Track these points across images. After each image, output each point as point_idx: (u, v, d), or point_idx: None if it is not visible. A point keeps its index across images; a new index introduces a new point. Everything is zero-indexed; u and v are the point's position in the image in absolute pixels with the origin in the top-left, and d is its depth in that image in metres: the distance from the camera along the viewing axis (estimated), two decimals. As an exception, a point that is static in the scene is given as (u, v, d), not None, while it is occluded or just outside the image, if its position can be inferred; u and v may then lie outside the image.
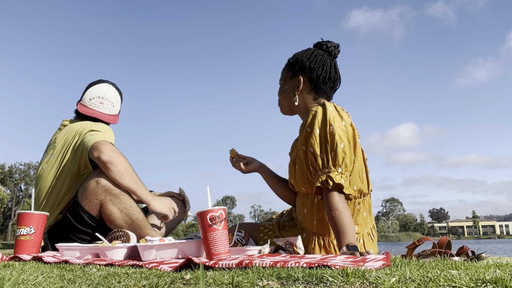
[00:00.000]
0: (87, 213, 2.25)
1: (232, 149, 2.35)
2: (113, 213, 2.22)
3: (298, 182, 2.06)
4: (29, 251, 1.91)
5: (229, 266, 1.30)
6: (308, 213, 2.04)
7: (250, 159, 2.32)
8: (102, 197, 2.21)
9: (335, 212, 1.82)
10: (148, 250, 1.64)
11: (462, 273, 1.07)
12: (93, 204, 2.23)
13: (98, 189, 2.21)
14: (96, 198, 2.22)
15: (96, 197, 2.22)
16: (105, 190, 2.20)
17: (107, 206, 2.21)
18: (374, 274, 1.01)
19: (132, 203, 2.26)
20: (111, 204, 2.21)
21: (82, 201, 2.25)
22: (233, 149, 2.35)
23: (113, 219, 2.22)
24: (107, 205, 2.21)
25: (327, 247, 1.99)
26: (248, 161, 2.31)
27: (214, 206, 1.57)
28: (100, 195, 2.21)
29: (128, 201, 2.24)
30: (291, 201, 2.29)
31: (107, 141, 2.25)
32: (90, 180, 2.23)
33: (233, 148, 2.35)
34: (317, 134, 1.89)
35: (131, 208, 2.23)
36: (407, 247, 1.81)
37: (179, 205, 2.67)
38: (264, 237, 2.22)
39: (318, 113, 1.91)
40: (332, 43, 2.14)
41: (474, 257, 1.66)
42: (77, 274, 1.27)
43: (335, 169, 1.87)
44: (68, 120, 2.62)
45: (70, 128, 2.47)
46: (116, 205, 2.22)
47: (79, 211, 2.25)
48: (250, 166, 2.30)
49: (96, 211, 2.24)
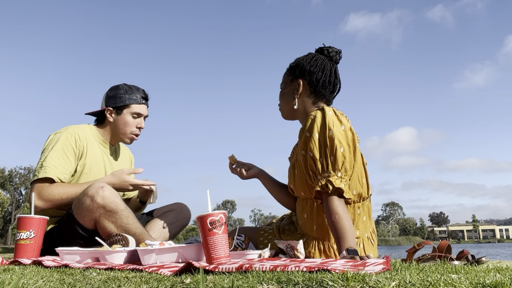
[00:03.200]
0: (81, 227, 2.24)
1: (232, 155, 2.34)
2: (110, 229, 2.19)
3: (298, 186, 2.06)
4: (29, 255, 1.91)
5: (229, 270, 1.30)
6: (308, 218, 2.04)
7: (249, 165, 2.32)
8: (97, 214, 2.17)
9: (335, 216, 1.82)
10: (148, 254, 1.64)
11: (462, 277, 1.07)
12: (88, 219, 2.21)
13: (93, 206, 2.16)
14: (92, 215, 2.19)
15: (92, 214, 2.18)
16: (100, 207, 2.16)
17: (103, 222, 2.18)
18: (374, 278, 1.01)
19: (130, 219, 2.21)
20: (107, 221, 2.18)
21: (77, 215, 2.23)
22: (233, 155, 2.34)
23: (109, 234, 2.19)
24: (103, 222, 2.18)
25: (327, 251, 1.99)
26: (247, 167, 2.31)
27: (214, 210, 1.57)
28: (95, 212, 2.17)
29: (126, 218, 2.19)
30: (291, 207, 2.29)
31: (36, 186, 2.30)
32: (84, 196, 2.19)
33: (233, 155, 2.34)
34: (316, 139, 1.89)
35: (128, 225, 2.19)
36: (407, 251, 1.81)
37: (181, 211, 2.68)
38: (264, 241, 2.21)
39: (317, 117, 1.91)
40: (333, 49, 2.15)
41: (474, 261, 1.66)
42: (77, 278, 1.27)
43: (335, 174, 1.87)
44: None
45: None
46: (112, 222, 2.18)
47: (74, 225, 2.24)
48: (250, 172, 2.29)
49: (91, 225, 2.23)
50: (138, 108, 2.62)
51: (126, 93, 2.60)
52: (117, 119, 2.60)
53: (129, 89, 2.62)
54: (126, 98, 2.59)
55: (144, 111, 2.66)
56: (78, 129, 2.50)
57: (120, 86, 2.63)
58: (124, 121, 2.60)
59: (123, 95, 2.59)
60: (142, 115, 2.65)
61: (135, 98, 2.61)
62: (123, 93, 2.60)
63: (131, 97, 2.60)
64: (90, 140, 2.54)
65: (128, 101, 2.59)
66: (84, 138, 2.50)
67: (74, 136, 2.44)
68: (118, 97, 2.59)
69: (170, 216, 2.63)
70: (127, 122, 2.60)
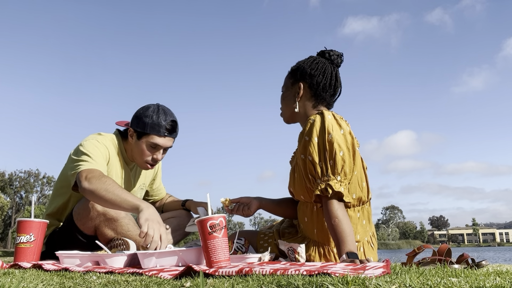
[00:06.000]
0: (81, 233, 2.24)
1: (225, 199, 2.19)
2: (110, 236, 2.18)
3: (297, 190, 2.07)
4: (29, 259, 1.91)
5: (229, 273, 1.30)
6: (309, 222, 2.04)
7: (246, 200, 2.22)
8: (97, 221, 2.18)
9: (335, 220, 1.82)
10: (148, 257, 1.64)
11: (462, 280, 1.07)
12: (88, 226, 2.21)
13: (94, 213, 2.16)
14: (92, 222, 2.19)
15: (92, 221, 2.18)
16: (100, 214, 2.15)
17: (103, 230, 2.18)
18: (374, 282, 1.02)
19: (130, 226, 2.19)
20: (107, 228, 2.18)
21: (77, 221, 2.23)
22: (226, 198, 2.19)
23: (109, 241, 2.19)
24: (103, 229, 2.18)
25: (327, 255, 1.99)
26: (247, 204, 2.21)
27: (214, 213, 1.57)
28: (95, 220, 2.17)
29: (126, 226, 2.18)
30: (294, 216, 2.28)
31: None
32: (85, 203, 2.18)
33: (226, 198, 2.19)
34: (315, 143, 1.90)
35: (128, 232, 2.18)
36: (407, 255, 1.81)
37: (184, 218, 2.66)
38: (264, 245, 2.21)
39: (316, 121, 1.92)
40: (335, 52, 2.15)
41: (474, 265, 1.66)
42: (77, 281, 1.28)
43: (334, 177, 1.87)
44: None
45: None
46: (112, 229, 2.18)
47: (74, 231, 2.25)
48: (252, 208, 2.19)
49: (91, 232, 2.23)
50: (158, 140, 2.37)
51: (151, 119, 2.35)
52: (136, 143, 2.42)
53: (156, 116, 2.36)
54: (148, 126, 2.35)
55: (165, 143, 2.41)
56: (106, 140, 2.38)
57: (149, 110, 2.40)
58: (140, 149, 2.40)
59: (147, 121, 2.36)
60: (160, 147, 2.41)
61: (158, 128, 2.35)
62: (148, 119, 2.36)
63: (154, 126, 2.35)
64: (114, 155, 2.43)
65: (149, 130, 2.35)
66: (111, 152, 2.39)
67: (106, 147, 2.35)
68: (142, 122, 2.37)
69: (174, 223, 2.61)
70: (143, 151, 2.40)
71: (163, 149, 2.45)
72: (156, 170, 2.81)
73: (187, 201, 2.73)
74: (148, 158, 2.43)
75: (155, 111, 2.38)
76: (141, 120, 2.38)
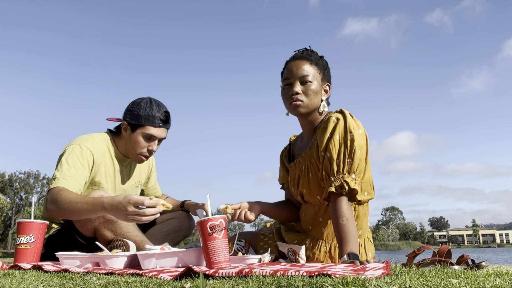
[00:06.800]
0: (80, 235, 2.25)
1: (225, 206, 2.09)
2: (109, 238, 2.19)
3: (314, 190, 2.04)
4: (29, 260, 1.90)
5: (229, 274, 1.30)
6: (324, 221, 2.05)
7: (246, 206, 2.16)
8: (96, 223, 2.18)
9: (343, 219, 1.83)
10: (148, 258, 1.64)
11: (462, 281, 1.07)
12: (87, 228, 2.22)
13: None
14: (91, 224, 2.19)
15: (91, 223, 2.19)
16: (99, 216, 2.15)
17: (103, 231, 2.19)
18: (374, 283, 1.02)
19: (130, 227, 2.20)
20: (106, 230, 2.18)
21: (76, 223, 2.23)
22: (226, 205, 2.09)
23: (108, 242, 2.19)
24: (103, 231, 2.19)
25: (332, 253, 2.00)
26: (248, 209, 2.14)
27: (214, 214, 1.57)
28: (95, 221, 2.18)
29: (125, 227, 2.18)
30: (294, 219, 2.27)
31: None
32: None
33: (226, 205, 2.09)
34: (336, 140, 1.91)
35: (128, 233, 2.19)
36: (407, 256, 1.81)
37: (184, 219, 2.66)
38: (264, 246, 2.21)
39: (340, 120, 1.93)
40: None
41: (474, 266, 1.66)
42: (77, 282, 1.28)
43: (349, 175, 1.89)
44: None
45: None
46: (111, 230, 2.18)
47: (73, 233, 2.25)
48: (254, 212, 2.14)
49: (91, 234, 2.24)
50: (153, 131, 2.41)
51: (145, 111, 2.39)
52: (130, 136, 2.43)
53: (149, 107, 2.41)
54: (142, 117, 2.39)
55: (160, 134, 2.44)
56: (93, 144, 2.39)
57: (142, 102, 2.44)
58: (135, 141, 2.42)
59: (141, 113, 2.39)
60: (155, 138, 2.44)
61: (152, 119, 2.39)
62: (141, 111, 2.40)
63: (148, 117, 2.39)
64: (104, 155, 2.43)
65: (144, 121, 2.39)
66: (98, 153, 2.39)
67: (90, 150, 2.34)
68: (135, 114, 2.41)
69: (174, 224, 2.61)
70: (138, 142, 2.42)
71: (158, 140, 2.48)
72: (150, 167, 2.81)
73: (186, 202, 2.73)
74: (143, 150, 2.46)
75: (148, 104, 2.43)
76: (135, 113, 2.41)
